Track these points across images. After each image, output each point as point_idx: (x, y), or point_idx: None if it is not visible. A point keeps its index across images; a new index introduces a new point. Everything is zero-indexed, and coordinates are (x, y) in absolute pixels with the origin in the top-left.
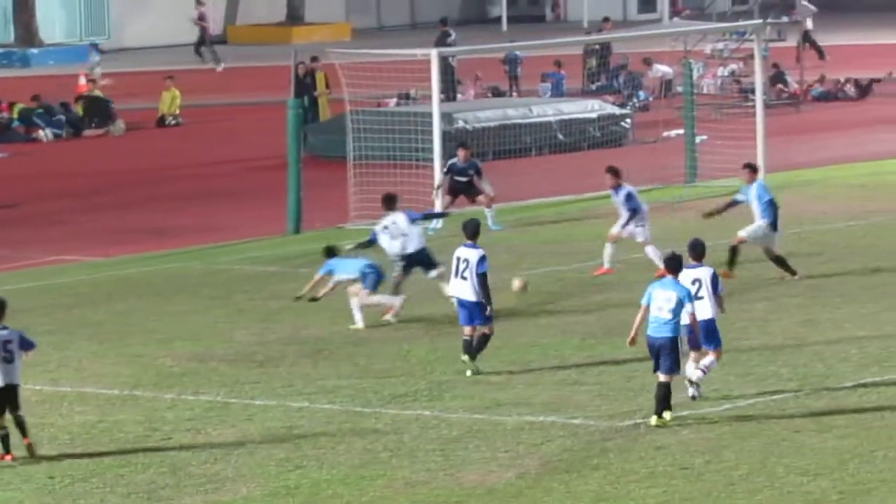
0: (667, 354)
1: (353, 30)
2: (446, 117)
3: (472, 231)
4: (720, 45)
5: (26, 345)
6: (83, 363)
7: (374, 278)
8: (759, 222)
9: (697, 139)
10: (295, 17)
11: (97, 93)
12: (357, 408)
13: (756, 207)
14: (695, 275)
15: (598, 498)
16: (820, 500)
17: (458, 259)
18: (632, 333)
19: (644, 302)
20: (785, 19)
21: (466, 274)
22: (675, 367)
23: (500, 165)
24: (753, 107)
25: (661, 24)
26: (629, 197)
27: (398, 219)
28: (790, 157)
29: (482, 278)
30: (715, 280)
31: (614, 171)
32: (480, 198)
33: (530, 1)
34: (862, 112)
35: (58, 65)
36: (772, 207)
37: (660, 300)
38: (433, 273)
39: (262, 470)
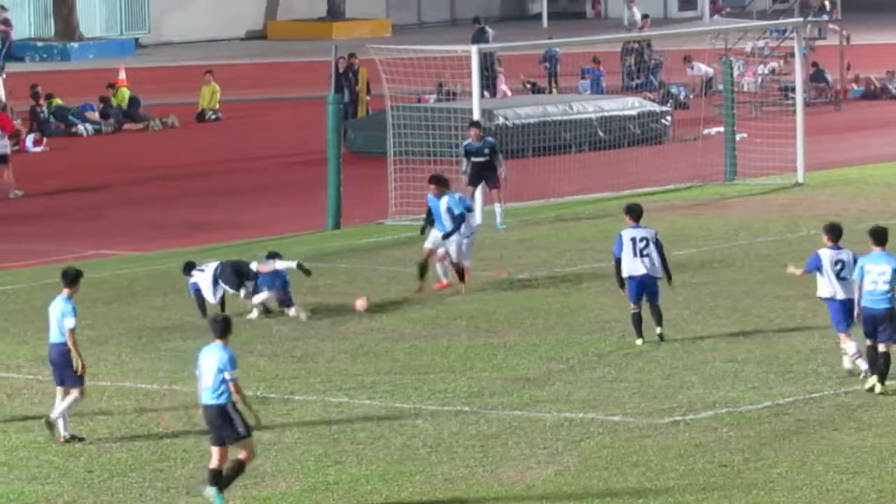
0: (886, 325)
1: (394, 26)
2: (487, 113)
3: (639, 213)
4: (760, 43)
5: None
6: (122, 357)
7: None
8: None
9: (737, 137)
10: (335, 12)
11: (123, 91)
12: (396, 404)
13: (446, 219)
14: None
15: (636, 495)
16: (859, 499)
17: (635, 239)
18: (856, 310)
19: (856, 277)
20: (825, 17)
21: (648, 251)
22: (894, 336)
23: (540, 162)
24: (793, 105)
25: (702, 21)
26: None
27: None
28: (830, 156)
29: (663, 255)
30: None
31: (438, 180)
32: (495, 192)
33: None
34: None
35: (97, 59)
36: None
37: (874, 274)
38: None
39: (300, 465)
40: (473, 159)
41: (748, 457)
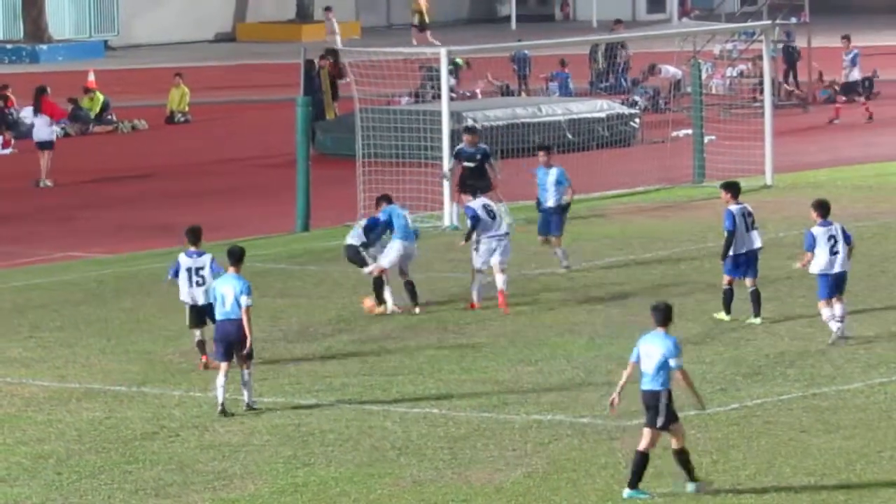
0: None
1: (363, 28)
2: (455, 116)
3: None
4: (728, 46)
5: (215, 270)
6: (91, 360)
7: None
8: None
9: (706, 139)
10: (304, 14)
11: (99, 96)
12: (365, 406)
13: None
14: None
15: (605, 497)
16: (826, 501)
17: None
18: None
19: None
20: (793, 20)
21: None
22: None
23: (509, 164)
24: (761, 107)
25: (670, 24)
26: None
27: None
28: (797, 158)
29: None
30: None
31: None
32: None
33: (539, 0)
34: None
35: (67, 61)
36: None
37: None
38: None
39: (269, 467)
40: (465, 163)
41: (716, 459)
